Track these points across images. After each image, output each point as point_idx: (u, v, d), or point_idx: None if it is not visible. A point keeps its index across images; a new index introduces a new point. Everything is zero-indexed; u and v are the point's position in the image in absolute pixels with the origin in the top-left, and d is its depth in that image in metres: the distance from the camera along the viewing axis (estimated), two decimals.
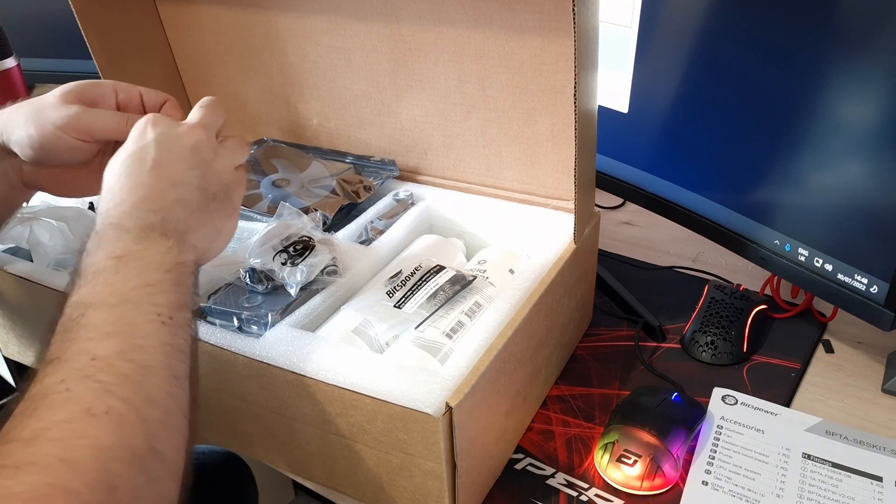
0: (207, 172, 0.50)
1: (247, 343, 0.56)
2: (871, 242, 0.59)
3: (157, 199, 0.47)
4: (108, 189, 0.48)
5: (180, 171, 0.48)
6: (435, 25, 0.68)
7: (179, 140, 0.50)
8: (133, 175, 0.47)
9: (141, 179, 0.47)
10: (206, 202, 0.49)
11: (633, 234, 0.95)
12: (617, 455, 0.58)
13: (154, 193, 0.47)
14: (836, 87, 0.58)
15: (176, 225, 0.47)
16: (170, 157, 0.48)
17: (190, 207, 0.48)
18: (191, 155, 0.49)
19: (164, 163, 0.48)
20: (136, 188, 0.47)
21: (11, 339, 0.77)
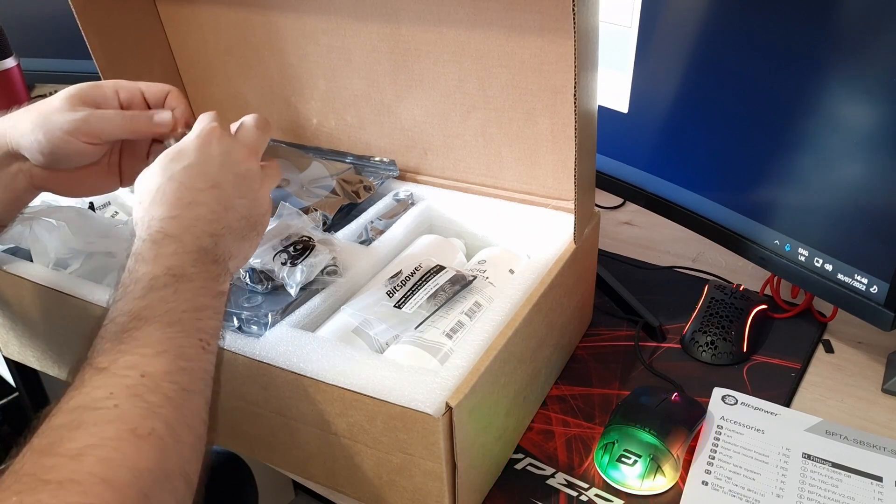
0: (253, 202, 0.51)
1: (247, 343, 0.56)
2: (871, 242, 0.59)
3: (212, 221, 0.48)
4: (163, 192, 0.47)
5: (233, 197, 0.49)
6: (435, 25, 0.68)
7: (237, 166, 0.50)
8: (192, 189, 0.48)
9: (200, 197, 0.48)
10: (247, 231, 0.50)
11: (633, 234, 0.95)
12: (617, 455, 0.58)
13: (211, 215, 0.48)
14: (836, 86, 0.58)
15: (223, 251, 0.48)
16: (227, 181, 0.49)
17: (235, 236, 0.49)
18: (244, 183, 0.50)
19: (221, 185, 0.49)
20: (194, 205, 0.47)
21: (11, 339, 0.77)
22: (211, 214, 0.48)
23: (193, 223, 0.47)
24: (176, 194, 0.47)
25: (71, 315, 0.65)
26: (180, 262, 0.45)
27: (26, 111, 0.57)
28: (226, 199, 0.49)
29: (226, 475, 0.88)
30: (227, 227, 0.48)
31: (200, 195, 0.48)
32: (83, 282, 0.65)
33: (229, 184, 0.49)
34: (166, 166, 0.49)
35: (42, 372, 0.78)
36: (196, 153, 0.50)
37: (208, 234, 0.47)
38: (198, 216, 0.47)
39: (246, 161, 0.51)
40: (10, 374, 1.07)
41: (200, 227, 0.47)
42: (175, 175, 0.48)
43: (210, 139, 0.51)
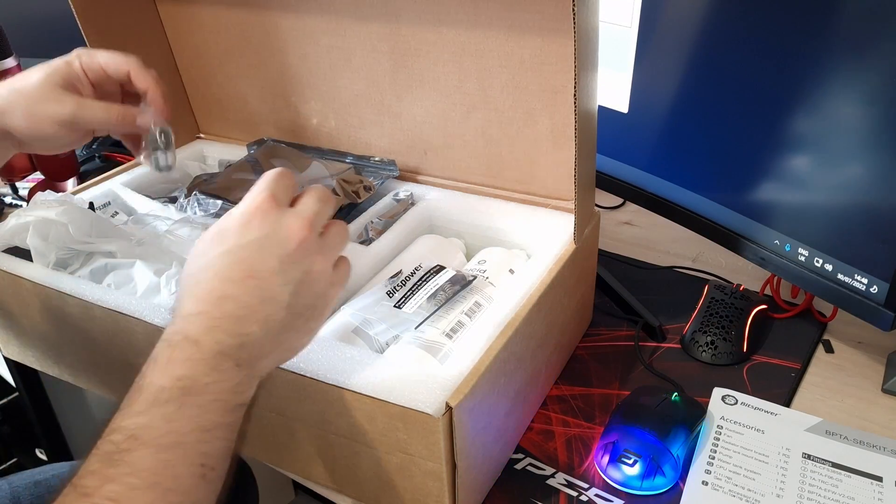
0: (301, 285, 0.43)
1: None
2: (871, 242, 0.59)
3: (242, 318, 0.41)
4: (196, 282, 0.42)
5: (274, 285, 0.42)
6: (435, 25, 0.68)
7: (281, 246, 0.42)
8: (226, 280, 0.41)
9: (231, 290, 0.41)
10: (290, 321, 0.43)
11: (633, 234, 0.95)
12: (617, 455, 0.58)
13: (241, 311, 0.41)
14: (836, 86, 0.58)
15: (251, 351, 0.41)
16: (268, 267, 0.42)
17: (272, 330, 0.42)
18: (290, 265, 0.42)
19: (259, 274, 0.42)
20: (223, 300, 0.41)
21: (11, 339, 0.77)
22: (241, 310, 0.41)
23: (218, 322, 0.41)
24: (208, 286, 0.41)
25: (71, 315, 0.65)
26: (192, 372, 0.39)
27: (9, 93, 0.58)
28: (263, 291, 0.42)
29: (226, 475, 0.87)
30: (261, 324, 0.41)
31: (232, 287, 0.41)
32: (83, 282, 0.65)
33: (270, 271, 0.42)
34: (205, 250, 0.43)
35: (42, 372, 0.78)
36: (236, 236, 0.42)
37: (234, 334, 0.41)
38: (225, 313, 0.41)
39: (295, 238, 0.43)
40: (10, 374, 1.07)
41: (225, 327, 0.41)
42: (211, 262, 0.42)
43: (253, 217, 0.43)
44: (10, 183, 1.05)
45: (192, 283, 0.42)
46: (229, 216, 0.44)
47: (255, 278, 0.42)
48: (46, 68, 0.58)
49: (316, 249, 0.44)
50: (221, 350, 0.40)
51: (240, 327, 0.41)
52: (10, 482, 0.77)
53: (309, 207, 0.45)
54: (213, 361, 0.40)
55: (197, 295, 0.42)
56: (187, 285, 0.43)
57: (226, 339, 0.40)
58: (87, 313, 0.63)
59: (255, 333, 0.41)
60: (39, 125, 0.56)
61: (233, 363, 0.41)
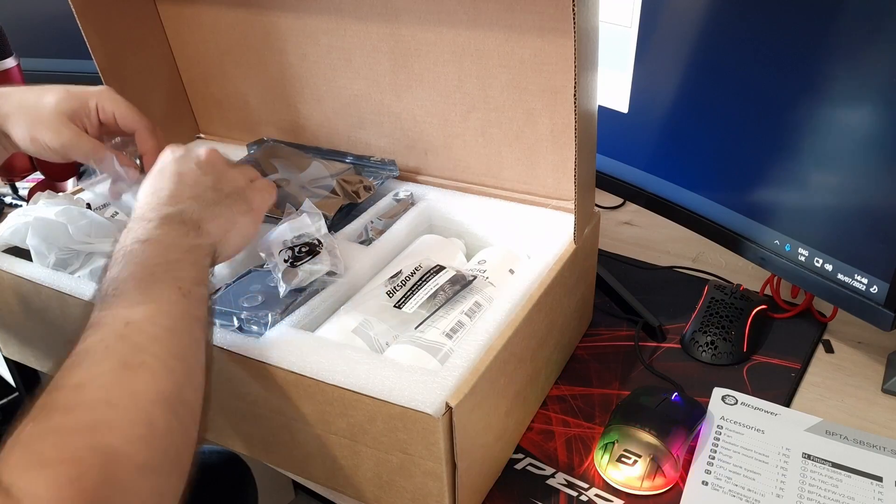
0: (221, 177, 0.57)
1: (247, 343, 0.56)
2: (871, 242, 0.59)
3: (174, 196, 0.53)
4: (138, 200, 0.54)
5: (196, 176, 0.55)
6: (435, 25, 0.68)
7: (197, 156, 0.57)
8: (156, 185, 0.54)
9: (162, 185, 0.54)
10: (219, 199, 0.55)
11: (633, 234, 0.95)
12: (617, 455, 0.58)
13: (172, 193, 0.53)
14: (836, 87, 0.58)
15: (192, 215, 0.52)
16: (187, 167, 0.55)
17: (205, 202, 0.54)
18: (205, 164, 0.57)
19: (181, 172, 0.55)
20: (157, 192, 0.53)
21: (11, 339, 0.77)
22: (173, 192, 0.53)
23: (157, 203, 0.52)
24: (144, 196, 0.54)
25: (71, 315, 0.65)
26: (144, 231, 0.50)
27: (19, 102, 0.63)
28: (188, 179, 0.55)
29: (226, 475, 0.87)
30: (193, 198, 0.53)
31: (161, 184, 0.54)
32: (83, 282, 0.65)
33: (190, 169, 0.55)
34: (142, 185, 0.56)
35: (42, 372, 0.78)
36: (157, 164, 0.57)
37: (170, 205, 0.52)
38: (160, 198, 0.53)
39: (204, 153, 0.57)
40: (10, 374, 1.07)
41: (164, 203, 0.52)
42: (145, 186, 0.55)
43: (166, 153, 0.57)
44: (10, 183, 1.05)
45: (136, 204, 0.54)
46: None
47: (177, 175, 0.55)
48: (65, 95, 0.64)
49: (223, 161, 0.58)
50: (164, 215, 0.51)
51: (173, 200, 0.53)
52: None
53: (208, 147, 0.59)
54: (159, 222, 0.51)
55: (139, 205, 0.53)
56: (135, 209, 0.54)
57: (165, 209, 0.52)
58: (87, 313, 0.63)
59: (190, 204, 0.53)
60: (34, 144, 0.63)
61: (176, 222, 0.51)
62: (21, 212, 0.70)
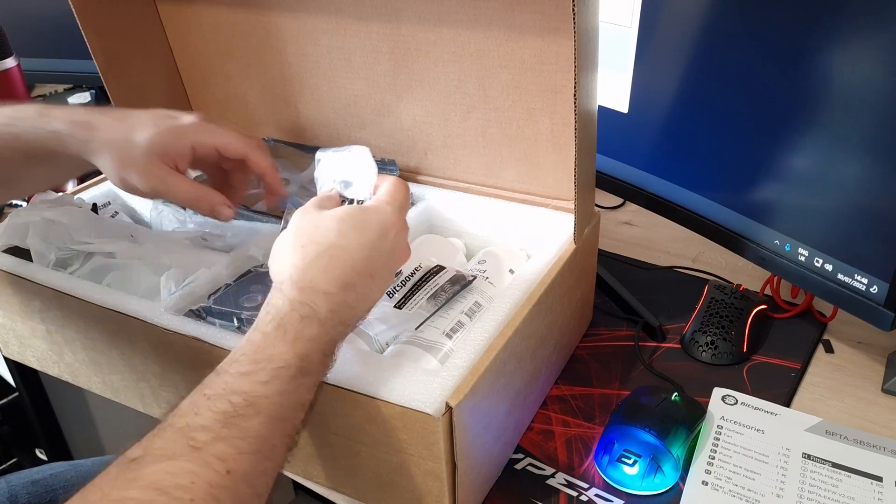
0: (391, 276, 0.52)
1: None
2: (871, 242, 0.59)
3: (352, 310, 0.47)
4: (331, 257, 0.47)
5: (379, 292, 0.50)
6: (435, 25, 0.68)
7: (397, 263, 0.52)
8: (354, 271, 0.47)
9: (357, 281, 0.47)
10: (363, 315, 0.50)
11: (633, 234, 0.95)
12: (617, 455, 0.58)
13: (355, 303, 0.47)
14: (836, 86, 0.58)
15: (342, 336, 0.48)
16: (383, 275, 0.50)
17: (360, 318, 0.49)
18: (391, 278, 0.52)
19: (377, 276, 0.49)
20: (349, 288, 0.47)
21: (11, 339, 0.77)
22: (356, 303, 0.47)
23: (339, 308, 0.46)
24: (341, 268, 0.47)
25: (71, 315, 0.65)
26: (312, 355, 0.44)
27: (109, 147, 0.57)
28: (373, 292, 0.49)
29: None
30: (360, 318, 0.49)
31: (358, 279, 0.47)
32: (83, 282, 0.65)
33: (383, 279, 0.50)
34: (345, 231, 0.48)
35: (42, 372, 0.78)
36: (376, 234, 0.49)
37: (346, 324, 0.47)
38: (345, 302, 0.46)
39: (405, 257, 0.52)
40: (10, 374, 1.07)
41: (342, 316, 0.46)
42: (349, 247, 0.48)
43: (392, 227, 0.50)
44: None
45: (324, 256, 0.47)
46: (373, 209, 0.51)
47: (374, 279, 0.48)
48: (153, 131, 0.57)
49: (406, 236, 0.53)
50: (333, 338, 0.46)
51: (351, 318, 0.47)
52: (7, 481, 0.77)
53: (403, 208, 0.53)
54: (327, 348, 0.45)
55: (330, 273, 0.46)
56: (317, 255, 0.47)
57: (340, 329, 0.46)
58: (87, 313, 0.63)
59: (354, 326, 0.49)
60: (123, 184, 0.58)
61: (333, 348, 0.46)
62: (21, 212, 0.70)
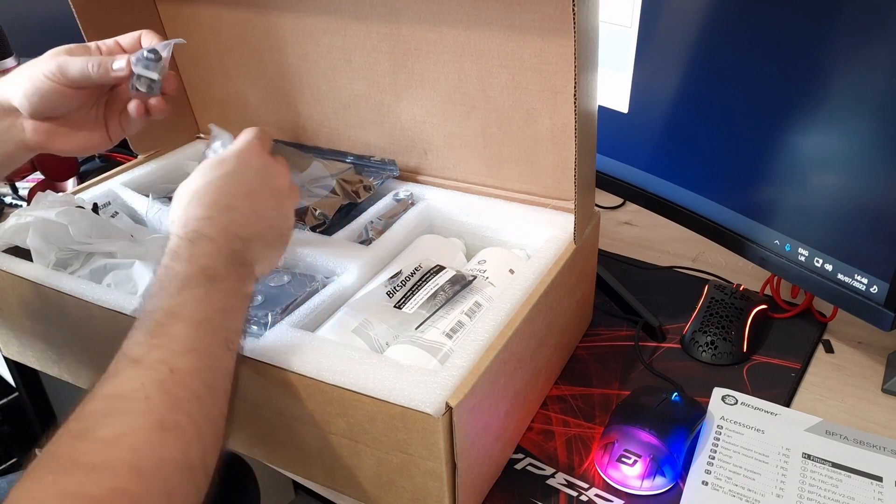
0: (282, 216, 0.55)
1: (247, 343, 0.56)
2: (871, 242, 0.59)
3: (244, 226, 0.51)
4: (201, 195, 0.51)
5: (265, 207, 0.53)
6: (435, 25, 0.68)
7: (273, 180, 0.54)
8: (229, 195, 0.51)
9: (235, 202, 0.51)
10: (273, 241, 0.54)
11: (633, 234, 0.95)
12: (617, 455, 0.58)
13: (243, 220, 0.51)
14: (836, 86, 0.58)
15: (252, 256, 0.51)
16: (262, 192, 0.53)
17: (263, 243, 0.52)
18: (276, 197, 0.54)
19: (256, 195, 0.52)
20: (229, 209, 0.50)
21: (11, 339, 0.77)
22: (243, 219, 0.51)
23: (227, 226, 0.50)
24: (213, 197, 0.51)
25: (71, 315, 0.65)
26: (214, 263, 0.47)
27: (21, 66, 0.62)
28: (258, 208, 0.52)
29: (228, 475, 0.87)
30: (256, 234, 0.51)
31: (236, 200, 0.51)
32: (83, 282, 0.65)
33: (263, 195, 0.53)
34: (206, 172, 0.52)
35: (42, 372, 0.78)
36: (236, 163, 0.53)
37: (240, 237, 0.50)
38: (232, 220, 0.50)
39: (281, 178, 0.55)
40: (10, 374, 1.07)
41: (233, 231, 0.50)
42: (214, 180, 0.51)
43: (251, 153, 0.54)
44: (10, 183, 1.05)
45: (195, 196, 0.51)
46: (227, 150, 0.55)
47: (252, 197, 0.52)
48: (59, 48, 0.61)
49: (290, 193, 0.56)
50: (232, 248, 0.49)
51: (243, 232, 0.50)
52: (8, 481, 0.77)
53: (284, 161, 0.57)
54: (227, 257, 0.48)
55: (204, 204, 0.50)
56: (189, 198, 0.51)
57: (234, 241, 0.49)
58: (87, 313, 0.63)
59: (251, 240, 0.51)
60: (31, 82, 0.59)
61: (240, 260, 0.49)
62: (21, 212, 0.70)
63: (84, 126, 0.64)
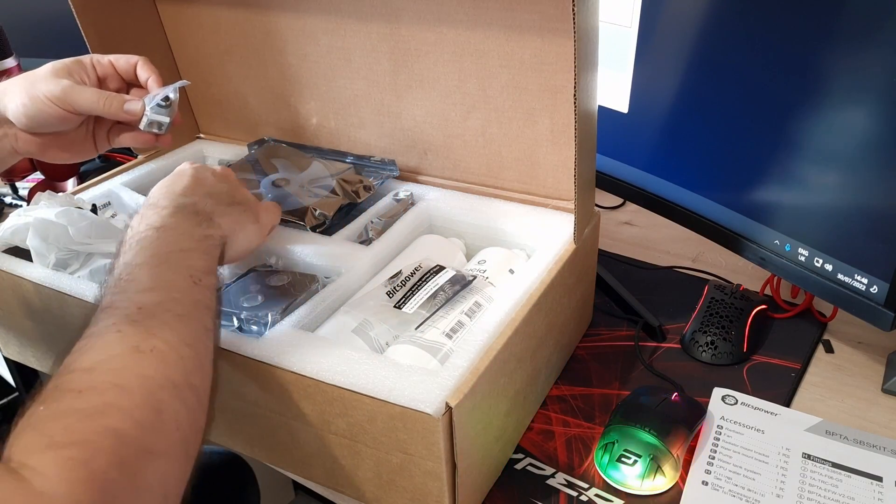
0: (235, 189, 0.59)
1: (247, 343, 0.56)
2: (871, 242, 0.59)
3: (189, 189, 0.55)
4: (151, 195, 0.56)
5: (212, 181, 0.58)
6: (435, 25, 0.68)
7: (213, 169, 0.60)
8: (171, 180, 0.57)
9: (177, 180, 0.56)
10: (231, 202, 0.58)
11: (633, 234, 0.95)
12: (617, 455, 0.58)
13: (187, 186, 0.56)
14: (836, 86, 0.58)
15: (205, 207, 0.55)
16: (203, 173, 0.58)
17: (218, 200, 0.56)
18: (221, 175, 0.59)
19: (198, 175, 0.57)
20: (172, 185, 0.56)
21: (11, 339, 0.77)
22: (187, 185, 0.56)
23: (170, 193, 0.55)
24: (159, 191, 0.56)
25: (71, 315, 0.65)
26: (158, 218, 0.52)
27: (16, 78, 0.63)
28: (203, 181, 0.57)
29: (228, 475, 0.87)
30: (207, 194, 0.56)
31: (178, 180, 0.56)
32: (83, 282, 0.65)
33: (207, 176, 0.58)
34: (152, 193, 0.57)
35: (42, 372, 0.78)
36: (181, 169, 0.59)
37: (186, 196, 0.54)
38: (174, 190, 0.55)
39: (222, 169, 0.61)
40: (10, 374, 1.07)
41: (177, 193, 0.54)
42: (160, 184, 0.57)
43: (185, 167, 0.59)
44: (10, 183, 1.05)
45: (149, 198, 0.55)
46: None
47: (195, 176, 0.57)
48: (55, 62, 0.63)
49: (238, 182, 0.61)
50: (178, 205, 0.53)
51: (188, 192, 0.55)
52: None
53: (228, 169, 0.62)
54: (173, 210, 0.53)
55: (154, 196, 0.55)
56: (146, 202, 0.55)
57: (180, 199, 0.54)
58: (87, 313, 0.63)
59: (204, 198, 0.55)
60: (34, 102, 0.61)
61: (190, 211, 0.54)
62: (21, 212, 0.70)
63: (75, 139, 0.67)
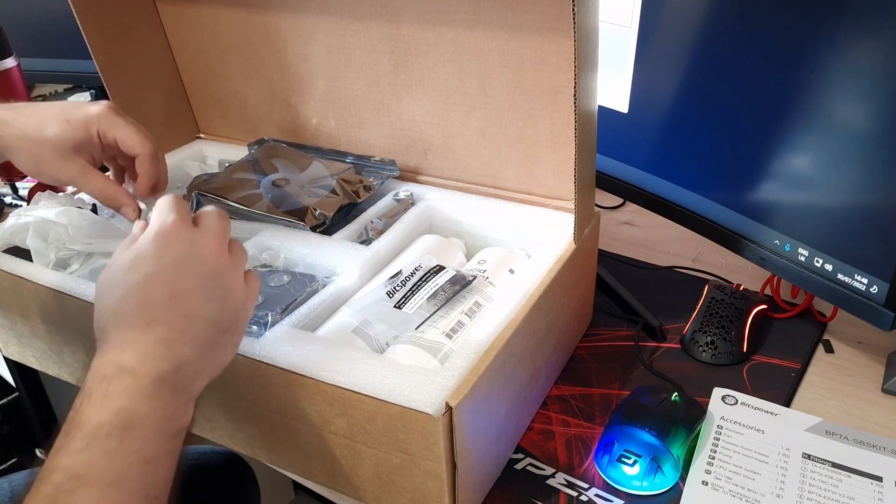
0: (224, 301, 0.46)
1: (247, 343, 0.56)
2: (871, 242, 0.59)
3: (174, 341, 0.42)
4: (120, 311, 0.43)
5: (198, 304, 0.44)
6: (435, 25, 0.68)
7: (201, 265, 0.45)
8: (151, 304, 0.43)
9: (159, 313, 0.43)
10: (217, 338, 0.45)
11: (633, 234, 0.95)
12: (617, 455, 0.58)
13: (172, 334, 0.42)
14: (836, 86, 0.58)
15: (186, 373, 0.43)
16: (191, 286, 0.44)
17: (203, 349, 0.44)
18: (210, 282, 0.45)
19: (184, 294, 0.44)
20: (153, 324, 0.42)
21: (11, 339, 0.77)
22: (172, 333, 0.42)
23: (152, 349, 0.41)
24: (134, 312, 0.42)
25: (71, 315, 0.65)
26: (131, 403, 0.39)
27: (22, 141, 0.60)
28: (189, 310, 0.43)
29: (228, 475, 0.88)
30: (192, 345, 0.43)
31: (160, 311, 0.43)
32: (83, 282, 0.65)
33: (193, 290, 0.44)
34: (124, 278, 0.44)
35: (42, 372, 0.78)
36: (154, 259, 0.44)
37: (168, 358, 0.42)
38: (157, 339, 0.42)
39: (212, 256, 0.45)
40: (10, 374, 1.07)
41: (160, 353, 0.41)
42: (133, 289, 0.43)
43: (168, 239, 0.45)
44: (10, 183, 1.05)
45: (114, 313, 0.43)
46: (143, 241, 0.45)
47: (179, 299, 0.43)
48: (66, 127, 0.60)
49: (230, 265, 0.47)
50: (158, 376, 0.41)
51: (173, 351, 0.42)
52: (10, 481, 0.77)
53: (214, 224, 0.47)
54: (150, 390, 0.40)
55: (124, 323, 0.42)
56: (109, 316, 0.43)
57: (161, 365, 0.41)
58: (87, 313, 0.63)
59: (187, 355, 0.42)
60: (40, 176, 0.61)
61: (170, 389, 0.41)
62: (21, 212, 0.70)
63: None
